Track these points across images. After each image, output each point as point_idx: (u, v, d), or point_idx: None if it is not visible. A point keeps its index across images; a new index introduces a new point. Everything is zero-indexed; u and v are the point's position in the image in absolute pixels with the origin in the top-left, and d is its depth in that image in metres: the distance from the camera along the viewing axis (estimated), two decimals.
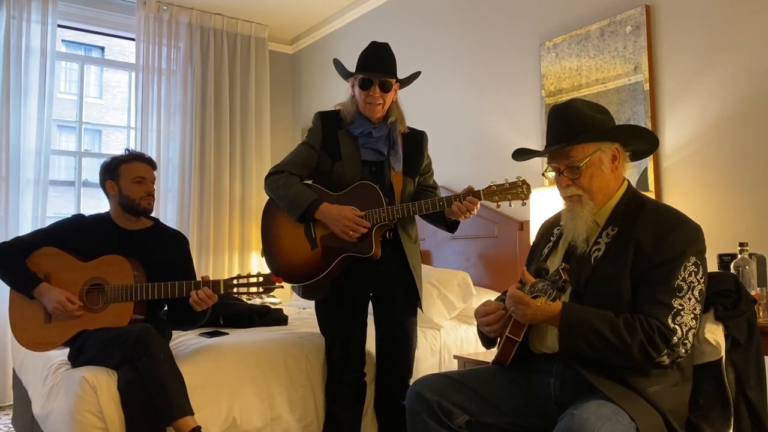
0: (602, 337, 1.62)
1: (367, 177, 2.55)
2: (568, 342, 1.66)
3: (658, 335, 1.61)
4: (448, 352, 3.25)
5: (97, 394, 2.28)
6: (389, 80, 2.55)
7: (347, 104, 2.65)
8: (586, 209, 1.81)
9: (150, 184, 2.70)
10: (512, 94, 3.84)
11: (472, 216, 2.44)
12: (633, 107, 3.11)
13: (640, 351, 1.61)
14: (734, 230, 2.70)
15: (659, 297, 1.65)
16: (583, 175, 1.80)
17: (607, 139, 1.82)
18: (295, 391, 2.68)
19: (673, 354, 1.63)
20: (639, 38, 3.09)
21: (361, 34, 5.15)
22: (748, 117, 2.72)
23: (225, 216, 5.45)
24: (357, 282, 2.57)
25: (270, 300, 4.73)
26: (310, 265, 2.52)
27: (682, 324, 1.63)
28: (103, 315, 2.51)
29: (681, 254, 1.68)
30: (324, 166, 2.60)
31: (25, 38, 4.61)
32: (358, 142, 2.58)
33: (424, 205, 2.44)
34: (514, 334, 1.81)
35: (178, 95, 5.29)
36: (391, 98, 2.60)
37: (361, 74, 2.55)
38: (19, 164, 4.54)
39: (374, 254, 2.45)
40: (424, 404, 1.81)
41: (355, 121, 2.60)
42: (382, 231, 2.53)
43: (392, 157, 2.58)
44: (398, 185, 2.59)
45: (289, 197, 2.51)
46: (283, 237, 2.59)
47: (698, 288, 1.68)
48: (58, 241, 2.63)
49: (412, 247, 2.64)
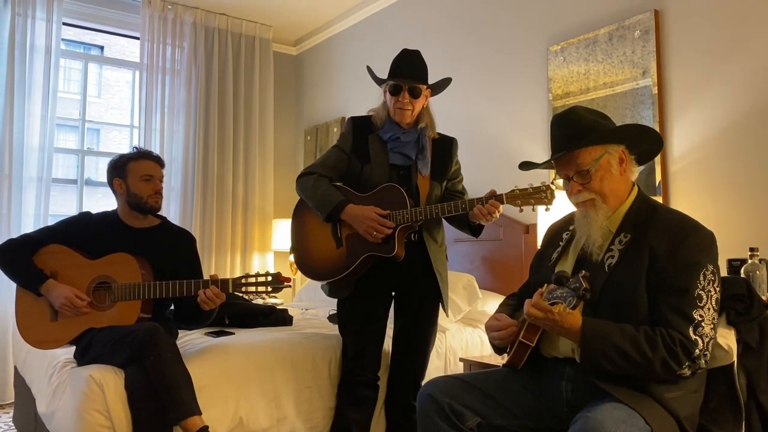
0: (623, 353, 1.60)
1: (395, 180, 2.59)
2: (590, 358, 1.63)
3: (680, 349, 1.60)
4: (454, 354, 3.25)
5: (104, 393, 2.27)
6: (418, 86, 2.59)
7: (379, 109, 2.69)
8: (600, 213, 1.80)
9: (158, 182, 2.70)
10: (519, 98, 3.84)
11: (494, 219, 2.43)
12: (641, 111, 3.11)
13: (662, 366, 1.60)
14: (743, 235, 2.70)
15: (681, 307, 1.63)
16: (593, 179, 1.80)
17: (613, 141, 1.82)
18: (302, 392, 2.68)
19: (695, 366, 1.62)
20: (648, 43, 3.09)
21: (365, 36, 5.15)
22: (757, 122, 2.72)
23: (228, 216, 5.44)
24: (380, 282, 2.61)
25: (272, 300, 4.72)
26: (335, 263, 2.57)
27: (703, 335, 1.62)
28: (110, 313, 2.50)
29: (698, 262, 1.66)
30: (354, 169, 2.64)
31: (30, 36, 4.61)
32: (387, 146, 2.62)
33: (447, 208, 2.45)
34: (527, 339, 1.80)
35: (182, 95, 5.29)
36: (421, 104, 2.64)
37: (392, 80, 2.60)
38: (22, 162, 4.53)
39: (397, 254, 2.48)
40: (435, 406, 1.81)
41: (385, 126, 2.64)
42: (406, 233, 2.55)
43: (420, 162, 2.61)
44: (425, 189, 2.62)
45: (318, 197, 2.56)
46: (311, 235, 2.66)
47: (715, 297, 1.67)
48: (65, 239, 2.62)
49: (437, 250, 2.65)
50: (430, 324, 2.68)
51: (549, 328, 1.70)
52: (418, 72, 2.60)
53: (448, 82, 2.72)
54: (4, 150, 4.47)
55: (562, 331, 1.67)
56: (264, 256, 5.63)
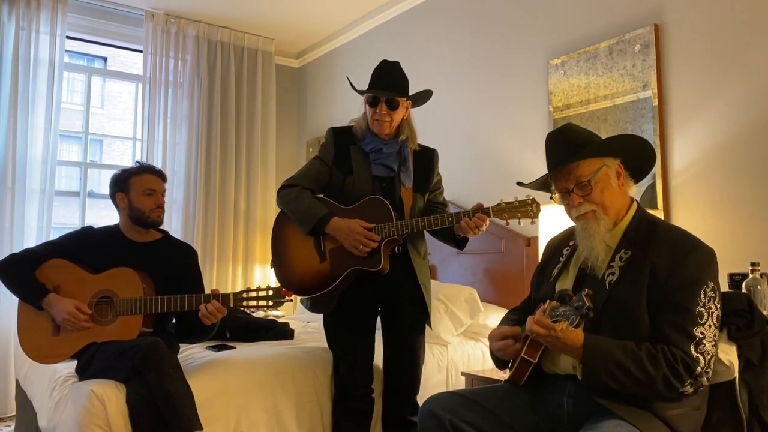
0: (625, 370, 1.60)
1: (378, 192, 2.57)
2: (592, 376, 1.63)
3: (682, 366, 1.59)
4: (456, 368, 3.24)
5: (105, 408, 2.26)
6: (396, 98, 2.58)
7: (360, 120, 2.68)
8: (602, 225, 1.80)
9: (160, 196, 2.71)
10: (520, 110, 3.85)
11: (480, 233, 2.44)
12: (642, 125, 3.12)
13: (664, 383, 1.59)
14: (743, 249, 2.70)
15: (682, 325, 1.63)
16: (594, 190, 1.80)
17: (609, 154, 1.83)
18: (303, 407, 2.67)
19: (697, 383, 1.62)
20: (648, 57, 3.10)
21: (367, 49, 5.17)
22: (757, 135, 2.72)
23: (230, 228, 5.45)
24: (365, 296, 2.58)
25: (274, 313, 4.73)
26: (318, 277, 2.53)
27: (705, 353, 1.62)
28: (112, 328, 2.50)
29: (699, 280, 1.66)
30: (336, 181, 2.62)
31: (34, 49, 4.64)
32: (369, 157, 2.61)
33: (434, 221, 2.44)
34: (529, 355, 1.79)
35: (185, 107, 5.31)
36: (399, 116, 2.62)
37: (370, 92, 2.59)
38: (25, 174, 4.55)
39: (382, 268, 2.46)
40: (436, 422, 1.80)
41: (367, 137, 2.63)
42: (390, 246, 2.53)
43: (403, 174, 2.60)
44: (408, 201, 2.60)
45: (301, 210, 2.53)
46: (292, 249, 2.61)
47: (716, 314, 1.67)
48: (67, 253, 2.63)
49: (421, 263, 2.64)
50: (419, 337, 2.66)
51: (551, 345, 1.69)
52: (397, 84, 2.58)
53: (428, 94, 2.72)
54: (8, 162, 4.50)
55: (564, 349, 1.67)
56: (266, 267, 5.63)
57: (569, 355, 1.70)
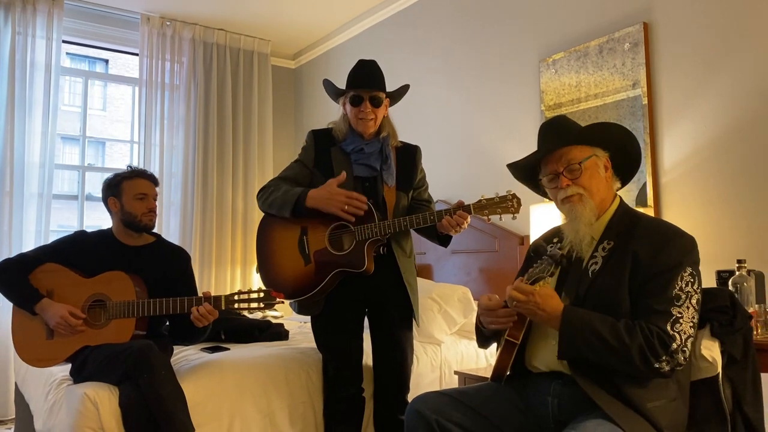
0: (601, 338, 1.63)
1: (360, 192, 2.55)
2: (568, 342, 1.66)
3: (657, 340, 1.62)
4: (449, 367, 3.26)
5: (98, 411, 2.29)
6: (379, 95, 2.59)
7: (339, 122, 2.68)
8: (587, 208, 1.83)
9: (152, 200, 2.72)
10: (512, 109, 3.87)
11: (462, 230, 2.44)
12: (632, 123, 3.13)
13: (640, 354, 1.61)
14: (733, 246, 2.72)
15: (658, 306, 1.66)
16: (583, 174, 1.84)
17: (600, 146, 1.87)
18: (296, 408, 2.69)
19: (673, 361, 1.64)
20: (637, 55, 3.12)
21: (362, 49, 5.19)
22: (746, 132, 2.74)
23: (227, 230, 5.48)
24: (351, 297, 2.59)
25: (272, 314, 4.74)
26: (303, 280, 2.54)
27: (681, 332, 1.65)
28: (105, 331, 2.52)
29: (677, 264, 1.70)
30: (318, 183, 2.60)
31: (30, 53, 4.67)
32: (350, 158, 2.61)
33: (415, 220, 2.45)
34: (512, 336, 1.81)
35: (182, 110, 5.34)
36: (382, 113, 2.64)
37: (352, 91, 2.59)
38: (23, 178, 4.58)
39: (367, 269, 2.46)
40: (422, 422, 1.82)
41: (348, 138, 2.64)
42: (375, 246, 2.54)
43: (385, 172, 2.61)
44: (391, 200, 2.61)
45: (278, 198, 2.54)
46: (277, 253, 2.62)
47: (695, 297, 1.70)
48: (60, 258, 2.65)
49: (406, 262, 2.65)
50: (406, 335, 2.66)
51: (531, 313, 1.73)
52: (377, 81, 2.60)
53: (405, 89, 2.73)
54: (6, 166, 4.53)
55: (544, 317, 1.71)
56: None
57: (549, 324, 1.73)
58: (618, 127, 1.92)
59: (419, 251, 4.11)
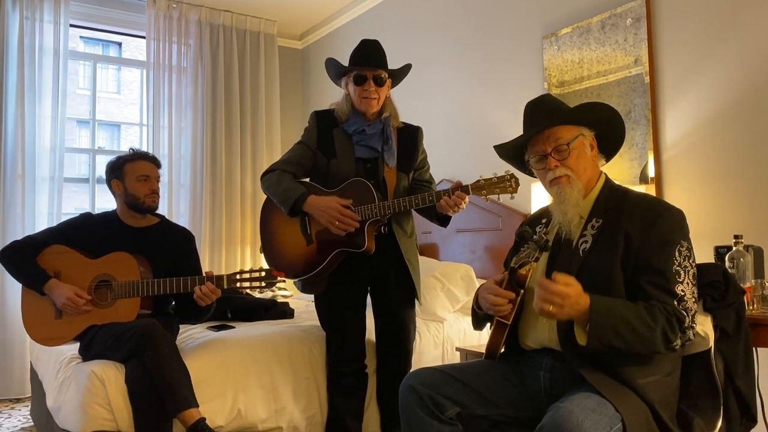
0: (630, 325, 1.60)
1: (362, 174, 2.60)
2: (597, 333, 1.61)
3: (675, 320, 1.63)
4: (451, 344, 3.29)
5: (105, 387, 2.36)
6: (382, 75, 2.60)
7: (341, 103, 2.69)
8: (575, 189, 1.83)
9: (154, 182, 2.76)
10: (515, 87, 3.85)
11: (461, 210, 2.45)
12: (633, 99, 3.11)
13: (662, 336, 1.62)
14: (731, 222, 2.70)
15: (662, 285, 1.67)
16: (571, 155, 1.84)
17: (586, 125, 1.87)
18: (299, 383, 2.74)
19: (684, 337, 1.66)
20: (639, 30, 3.09)
21: (368, 27, 5.17)
22: (747, 108, 2.71)
23: (237, 211, 5.52)
24: (354, 276, 2.62)
25: (281, 293, 4.79)
26: (306, 260, 2.58)
27: (688, 309, 1.67)
28: (111, 310, 2.58)
29: (672, 240, 1.71)
30: (320, 164, 2.65)
31: (39, 38, 4.71)
32: (352, 139, 2.63)
33: (414, 200, 2.47)
34: (504, 317, 1.83)
35: (189, 92, 5.36)
36: (385, 93, 2.65)
37: (355, 70, 2.60)
38: (34, 162, 4.64)
39: (367, 248, 2.50)
40: (415, 396, 1.85)
41: (350, 119, 2.65)
42: (375, 226, 2.57)
43: (386, 153, 2.62)
44: (392, 181, 2.63)
45: (280, 193, 2.58)
46: (280, 233, 2.66)
47: (692, 271, 1.72)
48: (66, 239, 2.70)
49: (407, 242, 2.67)
50: (408, 312, 2.70)
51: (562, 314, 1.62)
52: (380, 60, 2.61)
53: (408, 68, 2.73)
54: (17, 151, 4.59)
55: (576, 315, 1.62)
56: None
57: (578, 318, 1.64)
58: (603, 105, 1.91)
59: (425, 230, 4.13)
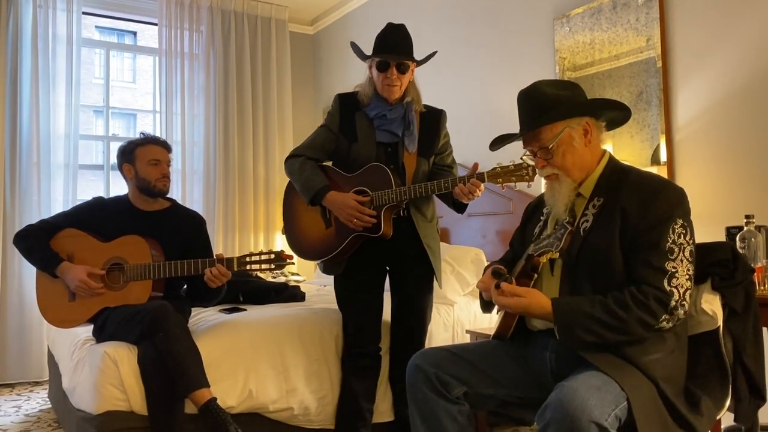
0: (597, 320, 1.64)
1: (382, 158, 2.60)
2: (565, 333, 1.68)
3: (654, 302, 1.63)
4: (461, 327, 3.30)
5: (118, 368, 2.40)
6: (406, 62, 2.58)
7: (365, 86, 2.68)
8: (564, 186, 1.85)
9: (165, 166, 2.79)
10: (526, 70, 3.82)
11: (476, 198, 2.44)
12: (645, 80, 3.08)
13: (639, 323, 1.63)
14: (745, 202, 2.68)
15: (653, 262, 1.67)
16: (555, 155, 1.83)
17: (574, 115, 1.83)
18: (310, 365, 2.76)
19: (673, 318, 1.65)
20: (651, 10, 3.05)
21: (380, 12, 5.15)
22: (760, 89, 2.68)
23: (250, 196, 5.55)
24: (372, 259, 2.65)
25: (294, 278, 4.82)
26: (325, 243, 2.62)
27: (678, 286, 1.66)
28: (124, 293, 2.62)
29: (668, 218, 1.69)
30: (342, 148, 2.66)
31: (52, 26, 4.74)
32: (373, 123, 2.63)
33: (430, 187, 2.47)
34: None
35: (201, 79, 5.38)
36: (407, 79, 2.63)
37: (378, 56, 2.59)
38: (49, 149, 4.69)
39: (384, 233, 2.51)
40: (422, 376, 1.87)
41: (372, 103, 2.64)
42: (393, 212, 2.58)
43: (407, 138, 2.62)
44: (411, 166, 2.62)
45: (302, 181, 2.61)
46: (301, 216, 2.72)
47: (688, 249, 1.70)
48: (79, 223, 2.74)
49: (427, 226, 2.67)
50: (425, 298, 2.71)
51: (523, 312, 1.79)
52: (404, 47, 2.58)
53: (432, 55, 2.71)
54: (32, 138, 4.63)
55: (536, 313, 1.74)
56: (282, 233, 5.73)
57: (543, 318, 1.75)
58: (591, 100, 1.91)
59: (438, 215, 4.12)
